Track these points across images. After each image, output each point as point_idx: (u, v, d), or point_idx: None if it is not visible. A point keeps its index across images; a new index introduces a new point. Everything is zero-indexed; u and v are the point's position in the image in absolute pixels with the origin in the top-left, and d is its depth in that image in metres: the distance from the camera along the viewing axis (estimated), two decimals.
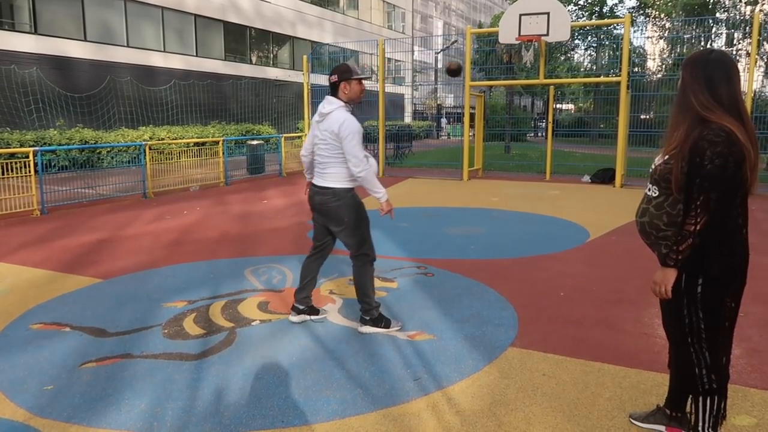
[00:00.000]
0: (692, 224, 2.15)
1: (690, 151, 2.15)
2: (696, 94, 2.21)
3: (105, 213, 9.05)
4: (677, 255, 2.19)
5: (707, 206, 2.12)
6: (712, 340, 2.31)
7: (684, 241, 2.17)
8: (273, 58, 30.42)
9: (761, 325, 3.99)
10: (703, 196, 2.12)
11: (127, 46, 22.06)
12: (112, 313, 4.34)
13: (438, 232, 7.38)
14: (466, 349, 3.62)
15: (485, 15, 63.92)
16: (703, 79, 2.22)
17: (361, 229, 3.77)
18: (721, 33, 28.74)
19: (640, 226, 2.42)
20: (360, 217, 3.76)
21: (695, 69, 2.25)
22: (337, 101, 3.69)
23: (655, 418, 2.68)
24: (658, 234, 2.31)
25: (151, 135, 18.25)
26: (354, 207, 3.74)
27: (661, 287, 2.27)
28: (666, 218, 2.28)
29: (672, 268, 2.23)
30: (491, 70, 22.62)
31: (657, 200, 2.32)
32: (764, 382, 3.18)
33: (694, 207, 2.14)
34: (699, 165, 2.12)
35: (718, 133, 2.11)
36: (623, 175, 12.60)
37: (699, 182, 2.12)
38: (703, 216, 2.13)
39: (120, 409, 2.90)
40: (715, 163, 2.09)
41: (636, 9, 31.61)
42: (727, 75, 2.21)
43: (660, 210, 2.31)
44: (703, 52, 2.28)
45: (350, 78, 3.64)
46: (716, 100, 2.18)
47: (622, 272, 5.47)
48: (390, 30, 41.06)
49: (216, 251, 6.38)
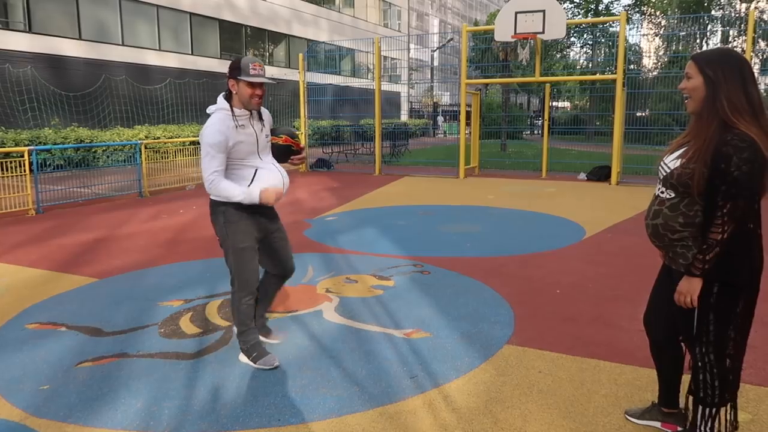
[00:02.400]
0: (719, 233, 2.07)
1: (713, 157, 2.05)
2: (730, 96, 2.08)
3: (100, 212, 9.03)
4: (704, 264, 2.11)
5: (734, 214, 2.05)
6: (719, 348, 2.23)
7: (711, 250, 2.09)
8: (269, 56, 30.36)
9: (757, 322, 3.99)
10: (730, 204, 2.04)
11: (122, 45, 21.99)
12: (108, 312, 4.33)
13: (434, 230, 7.39)
14: (463, 347, 3.63)
15: (481, 13, 63.93)
16: (738, 79, 2.09)
17: (228, 254, 3.21)
18: (717, 30, 28.81)
19: (653, 228, 2.31)
20: (228, 239, 3.17)
21: (729, 68, 2.11)
22: (221, 103, 3.11)
23: (651, 414, 2.69)
24: (674, 236, 2.23)
25: (146, 134, 18.20)
26: (222, 225, 3.17)
27: (686, 297, 2.19)
28: (682, 219, 2.20)
29: (698, 278, 2.15)
30: (487, 68, 22.62)
31: (672, 201, 2.23)
32: (759, 378, 3.19)
33: (721, 215, 2.06)
34: (725, 172, 2.03)
35: (743, 138, 2.02)
36: (619, 172, 12.63)
37: (725, 189, 2.04)
38: (730, 224, 2.05)
39: (116, 408, 2.90)
40: (743, 169, 2.01)
41: (632, 6, 31.67)
42: (754, 76, 2.11)
43: (675, 211, 2.21)
44: (728, 50, 2.17)
45: (237, 77, 3.03)
46: (749, 103, 2.07)
47: (618, 269, 5.48)
48: (386, 28, 41.02)
49: (212, 250, 6.37)
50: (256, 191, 3.08)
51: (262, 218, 3.26)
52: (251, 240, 3.19)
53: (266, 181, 3.12)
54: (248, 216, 3.15)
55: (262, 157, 3.19)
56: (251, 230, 3.18)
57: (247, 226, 3.15)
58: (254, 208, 3.16)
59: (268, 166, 3.19)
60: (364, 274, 5.29)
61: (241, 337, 3.37)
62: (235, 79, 3.04)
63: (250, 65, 3.00)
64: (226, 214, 3.14)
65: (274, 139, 3.29)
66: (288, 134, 3.32)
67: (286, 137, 3.29)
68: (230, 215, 3.14)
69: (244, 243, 3.15)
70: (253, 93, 3.05)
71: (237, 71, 3.03)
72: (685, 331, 2.35)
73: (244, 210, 3.13)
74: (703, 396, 2.30)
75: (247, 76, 3.01)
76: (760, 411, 2.85)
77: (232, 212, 3.13)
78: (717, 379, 2.26)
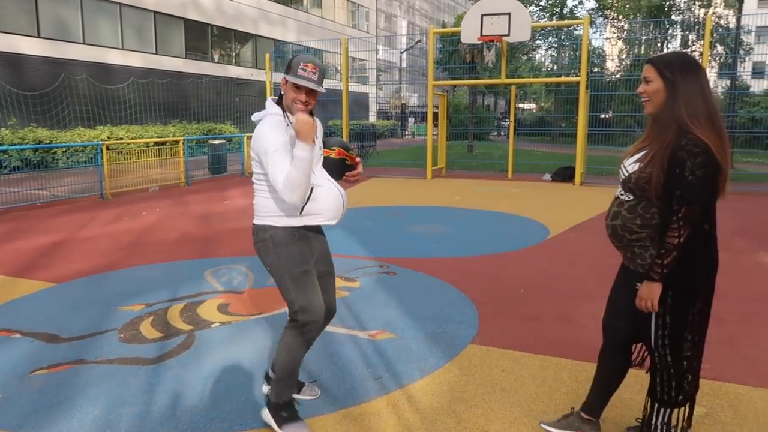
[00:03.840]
0: (676, 237, 2.07)
1: (669, 161, 2.07)
2: (688, 100, 2.09)
3: (60, 215, 8.78)
4: (662, 269, 2.12)
5: (690, 218, 2.06)
6: (677, 349, 2.26)
7: (669, 254, 2.10)
8: (235, 56, 30.01)
9: (712, 319, 4.10)
10: (685, 208, 2.05)
11: (84, 43, 21.45)
12: (66, 317, 4.21)
13: (401, 231, 7.40)
14: (427, 347, 3.64)
15: (449, 15, 64.40)
16: (697, 83, 2.12)
17: (285, 282, 2.65)
18: (677, 35, 29.62)
19: (612, 229, 2.32)
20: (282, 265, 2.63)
21: (688, 71, 2.13)
22: (271, 107, 2.63)
23: (568, 421, 2.62)
24: (632, 237, 2.25)
25: (108, 134, 17.79)
26: (272, 251, 2.63)
27: (647, 302, 2.18)
28: (640, 221, 2.22)
29: (657, 282, 2.15)
30: (454, 70, 22.81)
31: (630, 203, 2.25)
32: (714, 373, 3.29)
33: (677, 219, 2.07)
34: (679, 176, 2.05)
35: (697, 144, 2.04)
36: (583, 173, 12.87)
37: (680, 194, 2.05)
38: (686, 228, 2.06)
39: (72, 416, 2.82)
40: (697, 174, 2.03)
41: (595, 10, 32.33)
42: (708, 80, 2.12)
43: (633, 213, 2.23)
44: (686, 54, 2.18)
45: (287, 75, 2.55)
46: (706, 107, 2.10)
47: (581, 268, 5.58)
48: (354, 29, 40.98)
49: (175, 253, 6.26)
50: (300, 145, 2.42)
51: (315, 243, 2.76)
52: (308, 263, 2.68)
53: (323, 201, 2.61)
54: (300, 239, 2.66)
55: (316, 172, 2.62)
56: (307, 251, 2.68)
57: (301, 248, 2.65)
58: (305, 231, 2.67)
59: (324, 183, 2.64)
60: None
61: (277, 386, 2.70)
62: (286, 78, 2.57)
63: (300, 65, 2.49)
64: (275, 237, 2.63)
65: (326, 152, 2.75)
66: (341, 146, 2.79)
67: (339, 150, 2.77)
68: (279, 238, 2.63)
69: (302, 266, 2.63)
70: (296, 97, 2.52)
71: (287, 69, 2.56)
72: (645, 332, 2.35)
73: (295, 232, 2.65)
74: (660, 397, 2.33)
75: (294, 77, 2.50)
76: (714, 405, 2.93)
77: (281, 234, 2.63)
78: (674, 379, 2.28)
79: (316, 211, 2.62)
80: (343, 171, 2.80)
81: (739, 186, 12.16)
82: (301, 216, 2.61)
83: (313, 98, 2.56)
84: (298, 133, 2.41)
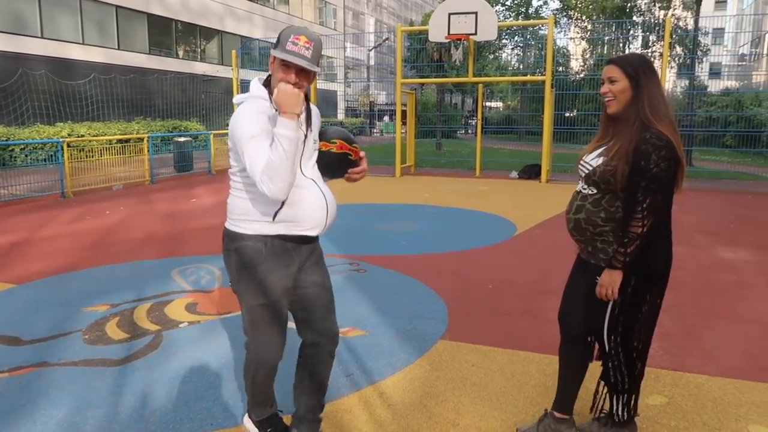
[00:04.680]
0: (640, 226, 2.15)
1: (634, 154, 2.16)
2: (650, 98, 2.21)
3: (18, 214, 8.52)
4: (625, 257, 2.19)
5: (653, 208, 2.15)
6: (629, 336, 2.35)
7: (632, 243, 2.17)
8: (201, 52, 29.55)
9: (672, 311, 4.26)
10: (650, 199, 2.14)
11: (42, 37, 20.83)
12: (27, 319, 4.10)
13: (370, 229, 7.42)
14: (398, 344, 3.66)
15: (416, 13, 64.61)
16: (656, 82, 2.23)
17: (242, 308, 2.28)
18: (638, 35, 30.33)
19: (574, 222, 2.38)
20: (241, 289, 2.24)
21: (651, 73, 2.24)
22: (256, 89, 2.19)
23: (543, 425, 2.61)
24: (595, 230, 2.31)
25: (69, 131, 17.31)
26: (234, 270, 2.23)
27: (608, 289, 2.25)
28: (604, 214, 2.28)
29: (619, 270, 2.22)
30: (422, 68, 22.90)
31: (594, 197, 2.31)
32: (674, 363, 3.39)
33: (641, 209, 2.15)
34: (644, 168, 2.13)
35: (660, 137, 2.14)
36: (549, 170, 13.09)
37: (645, 185, 2.14)
38: (650, 218, 2.15)
39: (35, 420, 2.75)
40: (661, 166, 2.13)
41: (560, 11, 32.86)
42: None
43: (597, 207, 2.29)
44: (643, 54, 2.31)
45: (275, 50, 2.07)
46: (664, 104, 2.23)
47: (547, 264, 5.68)
48: (321, 26, 40.79)
49: (141, 252, 6.14)
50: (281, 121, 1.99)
51: (298, 256, 2.25)
52: (275, 293, 2.20)
53: (301, 206, 2.16)
54: (276, 256, 2.17)
55: (304, 171, 2.19)
56: (276, 278, 2.19)
57: (269, 273, 2.17)
58: (283, 242, 2.19)
59: (305, 184, 2.18)
60: None
61: (251, 404, 2.49)
62: (273, 55, 2.09)
63: (291, 37, 2.02)
64: (240, 252, 2.17)
65: (324, 145, 2.29)
66: (343, 138, 2.33)
67: (342, 142, 2.31)
68: (246, 254, 2.16)
69: (261, 299, 2.20)
70: (284, 78, 2.04)
71: (276, 43, 2.07)
72: (595, 322, 2.41)
73: (266, 245, 2.16)
74: (614, 382, 2.43)
75: (282, 52, 2.02)
76: (675, 394, 3.02)
77: (249, 252, 2.15)
78: (626, 366, 2.38)
79: (292, 217, 2.16)
80: (346, 168, 2.34)
81: (698, 183, 12.56)
82: (274, 222, 2.14)
83: (305, 79, 2.08)
84: (280, 106, 1.97)
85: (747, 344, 3.70)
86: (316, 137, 2.28)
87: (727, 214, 8.73)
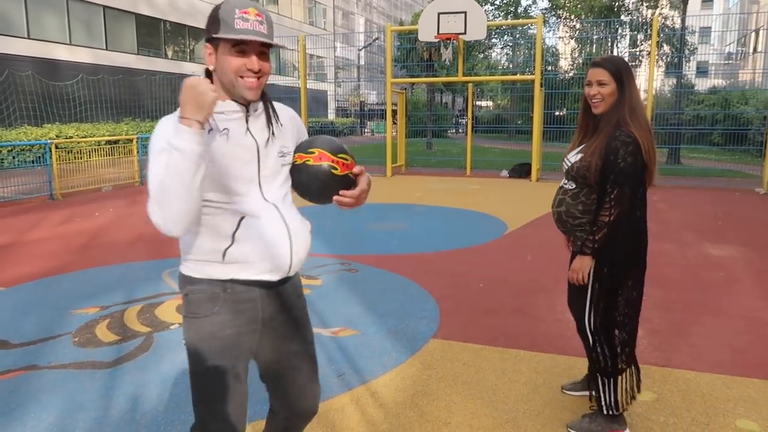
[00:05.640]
0: (607, 215, 2.35)
1: (605, 150, 2.35)
2: (631, 100, 2.39)
3: (6, 216, 8.44)
4: (594, 244, 2.39)
5: (620, 199, 2.33)
6: (610, 321, 2.48)
7: (600, 231, 2.37)
8: (190, 52, 29.40)
9: (661, 308, 4.30)
10: (617, 190, 2.33)
11: (28, 38, 20.63)
12: (16, 322, 4.07)
13: (361, 228, 7.42)
14: (390, 343, 3.67)
15: (406, 13, 64.64)
16: (635, 85, 2.43)
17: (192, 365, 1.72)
18: (626, 34, 30.52)
19: (557, 215, 2.58)
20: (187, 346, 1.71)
21: (632, 75, 2.42)
22: None
23: (582, 384, 2.92)
24: (574, 222, 2.51)
25: (57, 133, 17.17)
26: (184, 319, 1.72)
27: (579, 274, 2.45)
28: (581, 207, 2.48)
29: (589, 256, 2.41)
30: (412, 68, 22.92)
31: (573, 191, 2.51)
32: (663, 359, 3.43)
33: (609, 200, 2.34)
34: (613, 162, 2.33)
35: (629, 135, 2.33)
36: (539, 169, 13.14)
37: (614, 178, 2.33)
38: (617, 208, 2.33)
39: (25, 424, 2.73)
40: (628, 161, 2.32)
41: (548, 10, 32.98)
42: None
43: (576, 200, 2.50)
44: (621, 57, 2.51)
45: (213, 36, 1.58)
46: (640, 107, 2.42)
47: (537, 262, 5.72)
48: (311, 26, 40.71)
49: (131, 254, 6.11)
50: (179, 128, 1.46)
51: (266, 308, 1.73)
52: (225, 356, 1.68)
53: (255, 241, 1.64)
54: (234, 305, 1.67)
55: (265, 194, 1.67)
56: (228, 336, 1.67)
57: (223, 328, 1.66)
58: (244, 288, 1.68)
59: (263, 214, 1.65)
60: None
61: None
62: (211, 42, 1.60)
63: (237, 12, 1.54)
64: (188, 300, 1.68)
65: (300, 157, 1.71)
66: (328, 148, 1.71)
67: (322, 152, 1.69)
68: (194, 302, 1.67)
69: (210, 361, 1.67)
70: (243, 65, 1.56)
71: (214, 25, 1.58)
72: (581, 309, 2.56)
73: (231, 290, 1.66)
74: (599, 366, 2.54)
75: (231, 32, 1.54)
76: (664, 390, 3.05)
77: (202, 298, 1.67)
78: (609, 349, 2.50)
79: (243, 257, 1.64)
80: (332, 187, 1.69)
81: (686, 181, 12.66)
82: (224, 263, 1.64)
83: (266, 62, 1.60)
84: (181, 107, 1.47)
85: (734, 340, 3.75)
86: (284, 147, 1.72)
87: (715, 212, 8.81)
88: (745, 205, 9.63)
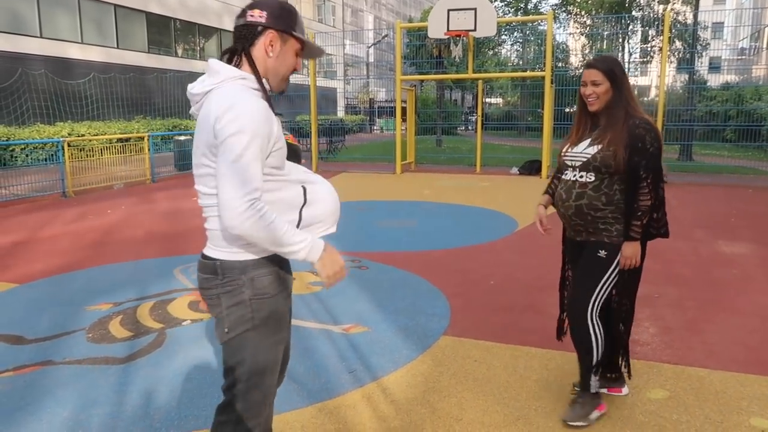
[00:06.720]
0: (648, 199, 2.46)
1: (630, 138, 2.45)
2: (627, 91, 2.53)
3: (20, 214, 8.53)
4: (641, 229, 2.49)
5: (656, 182, 2.46)
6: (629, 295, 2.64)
7: (645, 215, 2.47)
8: (200, 50, 29.52)
9: (673, 305, 4.27)
10: (652, 174, 2.45)
11: (41, 37, 20.81)
12: (31, 318, 4.11)
13: (371, 226, 7.43)
14: (401, 340, 3.68)
15: (415, 10, 64.49)
16: (628, 79, 2.57)
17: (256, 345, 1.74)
18: (637, 30, 30.28)
19: (576, 209, 2.60)
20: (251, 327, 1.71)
21: (622, 69, 2.56)
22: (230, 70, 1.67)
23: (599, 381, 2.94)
24: (596, 214, 2.55)
25: (70, 131, 17.33)
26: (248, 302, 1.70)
27: (632, 260, 2.52)
28: (605, 198, 2.53)
29: (638, 241, 2.51)
30: (422, 65, 22.88)
31: (594, 184, 2.55)
32: (675, 357, 3.41)
33: (647, 185, 2.45)
34: (642, 149, 2.44)
35: (647, 122, 2.48)
36: (549, 166, 13.08)
37: (646, 163, 2.44)
38: (654, 191, 2.46)
39: (41, 419, 2.76)
40: (655, 146, 2.46)
41: (559, 6, 32.79)
42: None
43: (598, 191, 2.54)
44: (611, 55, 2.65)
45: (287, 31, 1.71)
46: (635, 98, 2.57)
47: (548, 259, 5.69)
48: (320, 23, 40.74)
49: (143, 251, 6.16)
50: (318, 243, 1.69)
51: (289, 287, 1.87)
52: (287, 329, 1.84)
53: (325, 203, 1.83)
54: (282, 285, 1.78)
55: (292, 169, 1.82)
56: (287, 313, 1.83)
57: (284, 305, 1.79)
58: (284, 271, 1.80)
59: (318, 180, 1.86)
60: (301, 271, 5.26)
61: None
62: (284, 33, 1.70)
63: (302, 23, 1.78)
64: (257, 283, 1.70)
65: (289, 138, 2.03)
66: None
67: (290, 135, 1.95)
68: (263, 284, 1.71)
69: (279, 335, 1.78)
70: (294, 64, 1.77)
71: (290, 20, 1.71)
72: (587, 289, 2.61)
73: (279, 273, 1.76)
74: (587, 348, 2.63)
75: (302, 35, 1.75)
76: (677, 388, 3.04)
77: (267, 280, 1.71)
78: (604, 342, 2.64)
79: (317, 217, 1.79)
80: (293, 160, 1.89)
81: (698, 177, 12.56)
82: (299, 229, 1.70)
83: None
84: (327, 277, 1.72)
85: (748, 337, 3.71)
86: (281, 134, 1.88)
87: (728, 209, 8.73)
88: (759, 202, 9.53)
